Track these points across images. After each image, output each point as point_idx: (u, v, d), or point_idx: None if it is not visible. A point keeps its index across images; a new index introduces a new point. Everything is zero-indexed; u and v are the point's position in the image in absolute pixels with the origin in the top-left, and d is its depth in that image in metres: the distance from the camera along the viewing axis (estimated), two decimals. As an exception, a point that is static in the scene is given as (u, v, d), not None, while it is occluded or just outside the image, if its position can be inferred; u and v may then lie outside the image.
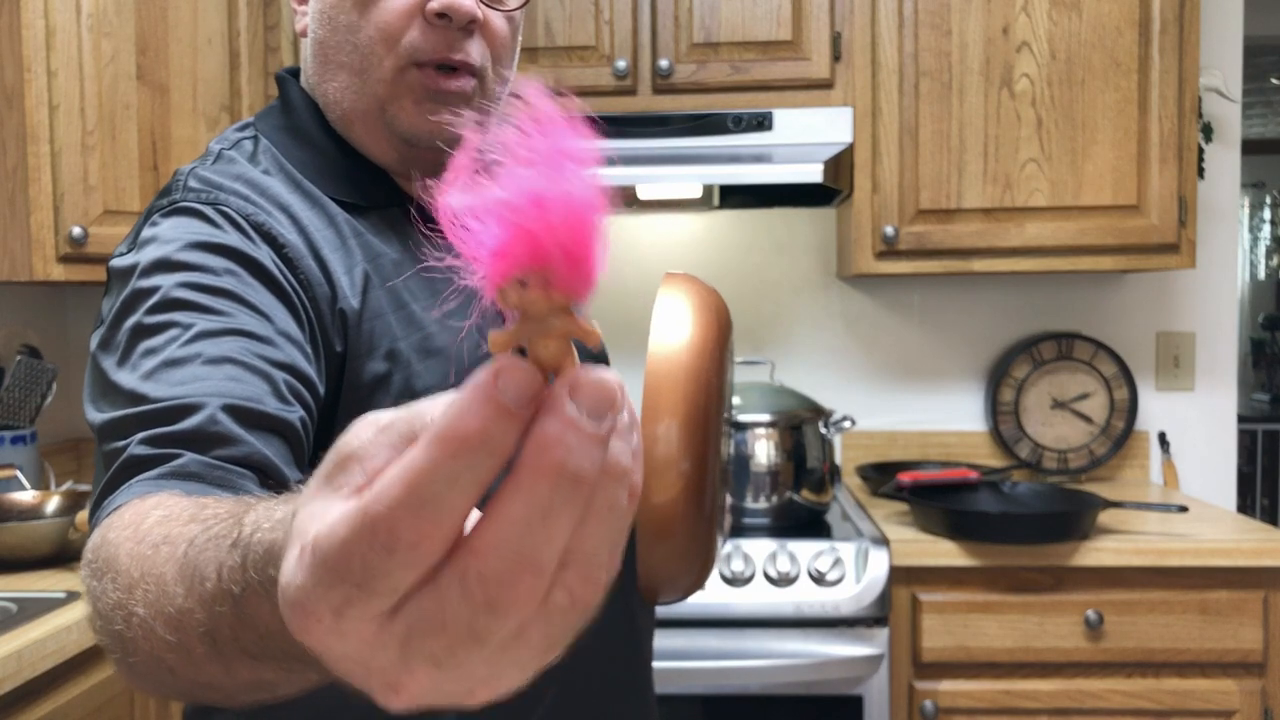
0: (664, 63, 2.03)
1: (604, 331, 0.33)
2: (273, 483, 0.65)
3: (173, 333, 0.68)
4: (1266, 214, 6.02)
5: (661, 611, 1.73)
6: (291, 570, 0.31)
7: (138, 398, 0.66)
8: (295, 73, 0.94)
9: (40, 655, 1.29)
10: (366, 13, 0.85)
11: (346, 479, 0.31)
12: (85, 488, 1.90)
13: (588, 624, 0.32)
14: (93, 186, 1.86)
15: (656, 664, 1.71)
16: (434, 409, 0.31)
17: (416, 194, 0.91)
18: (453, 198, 0.31)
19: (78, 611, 1.38)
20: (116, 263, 0.76)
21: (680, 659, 1.73)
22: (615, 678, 0.91)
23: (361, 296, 0.80)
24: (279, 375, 0.69)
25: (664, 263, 2.40)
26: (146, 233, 0.77)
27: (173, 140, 1.93)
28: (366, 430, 0.32)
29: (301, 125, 0.89)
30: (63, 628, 1.33)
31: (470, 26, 0.85)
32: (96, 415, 0.68)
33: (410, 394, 0.79)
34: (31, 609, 1.38)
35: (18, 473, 1.82)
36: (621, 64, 2.03)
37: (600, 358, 1.02)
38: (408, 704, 0.32)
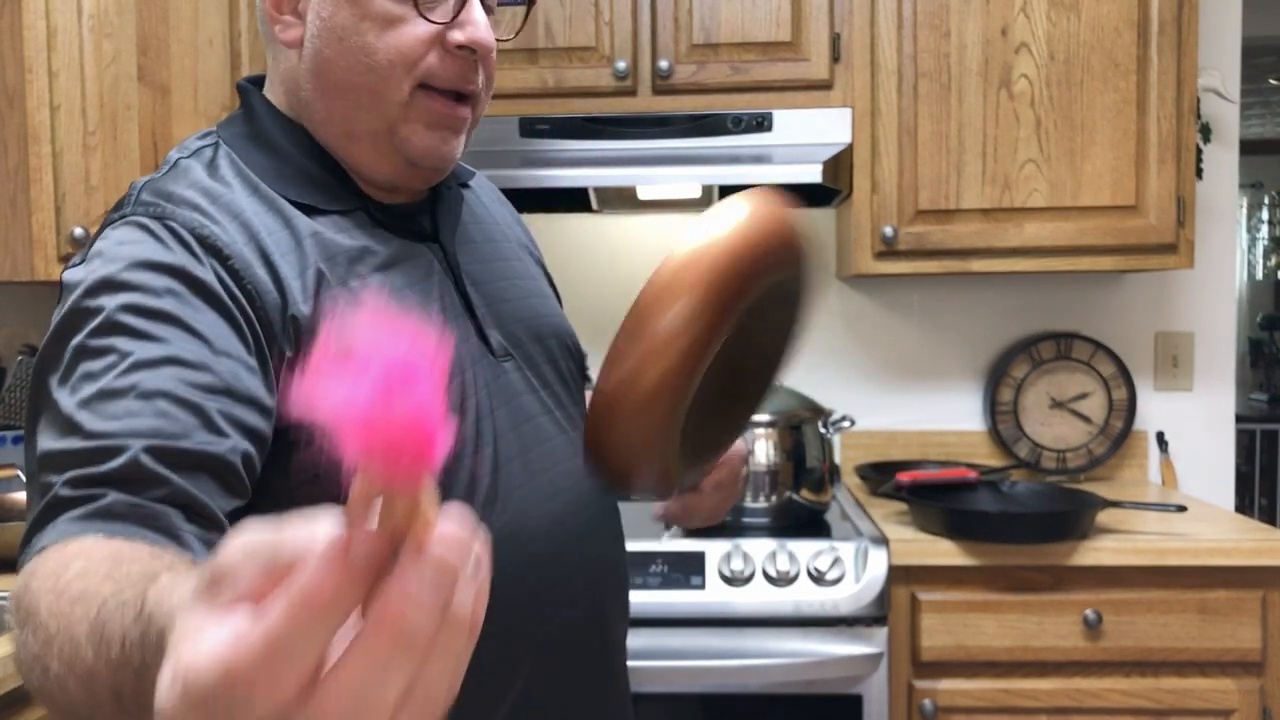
0: (664, 63, 2.03)
1: (604, 331, 0.33)
2: (200, 518, 0.68)
3: (110, 359, 0.71)
4: (1264, 214, 6.03)
5: (661, 611, 1.74)
6: (164, 695, 0.35)
7: (73, 426, 0.69)
8: (255, 81, 0.95)
9: (42, 654, 1.29)
10: (384, 36, 0.85)
11: (217, 598, 0.35)
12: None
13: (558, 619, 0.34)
14: (94, 187, 1.86)
15: (657, 663, 1.73)
16: (295, 537, 0.34)
17: (380, 198, 0.92)
18: (313, 390, 0.33)
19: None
20: (68, 275, 0.79)
21: (680, 658, 1.73)
22: (585, 673, 0.92)
23: (314, 300, 0.81)
24: (212, 405, 0.71)
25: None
26: (96, 245, 0.80)
27: (174, 141, 1.93)
28: (236, 552, 0.35)
29: (263, 132, 0.90)
30: (65, 627, 1.33)
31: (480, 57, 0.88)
32: (35, 438, 0.72)
33: None
34: (33, 608, 1.38)
35: (19, 473, 1.82)
36: (621, 65, 2.03)
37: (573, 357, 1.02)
38: None
